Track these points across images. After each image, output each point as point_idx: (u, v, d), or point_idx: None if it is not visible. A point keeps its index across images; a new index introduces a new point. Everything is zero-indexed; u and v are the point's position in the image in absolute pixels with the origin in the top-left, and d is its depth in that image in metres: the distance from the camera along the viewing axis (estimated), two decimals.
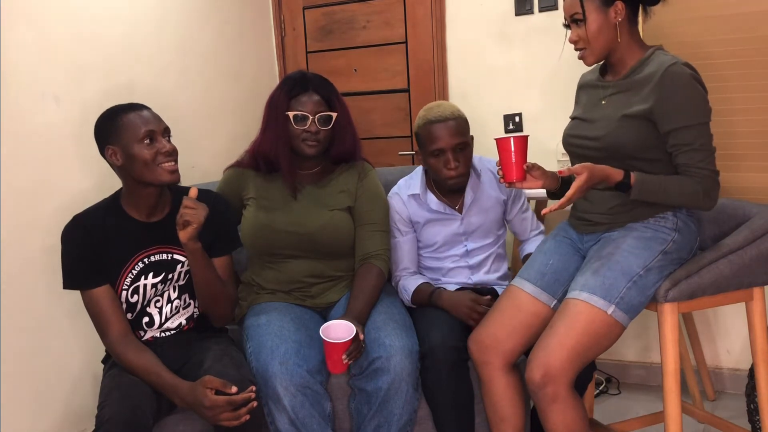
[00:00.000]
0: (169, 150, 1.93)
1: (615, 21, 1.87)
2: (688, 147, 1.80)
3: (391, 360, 1.95)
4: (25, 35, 2.18)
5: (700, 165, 1.80)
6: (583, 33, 1.88)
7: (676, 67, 1.79)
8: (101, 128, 1.95)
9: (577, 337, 1.78)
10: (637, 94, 1.86)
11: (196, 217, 1.88)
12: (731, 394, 2.77)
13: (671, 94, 1.79)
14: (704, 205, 1.83)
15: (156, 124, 1.93)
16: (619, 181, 1.78)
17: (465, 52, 3.04)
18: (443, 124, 2.18)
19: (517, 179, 1.80)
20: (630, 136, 1.84)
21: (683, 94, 1.79)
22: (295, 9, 3.34)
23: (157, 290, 2.02)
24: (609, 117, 1.89)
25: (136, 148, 1.89)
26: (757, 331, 2.00)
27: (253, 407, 1.80)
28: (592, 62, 1.93)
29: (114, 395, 1.79)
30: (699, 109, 1.80)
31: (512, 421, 1.98)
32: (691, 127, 1.79)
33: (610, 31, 1.88)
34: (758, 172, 2.49)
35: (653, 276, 1.85)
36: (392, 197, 2.35)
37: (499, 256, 2.39)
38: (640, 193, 1.79)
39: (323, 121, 2.18)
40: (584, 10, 1.86)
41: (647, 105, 1.82)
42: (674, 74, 1.79)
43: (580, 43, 1.90)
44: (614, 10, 1.86)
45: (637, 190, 1.79)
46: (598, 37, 1.88)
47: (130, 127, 1.90)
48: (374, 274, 2.17)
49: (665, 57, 1.85)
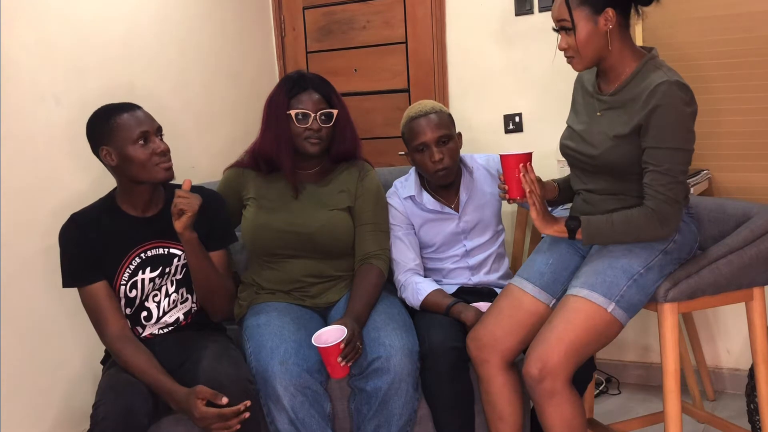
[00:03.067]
0: (164, 149, 1.95)
1: (605, 29, 1.79)
2: (653, 167, 1.76)
3: (391, 360, 1.95)
4: (25, 35, 2.18)
5: (659, 189, 1.75)
6: (573, 41, 1.82)
7: (664, 86, 1.73)
8: (94, 129, 1.96)
9: (576, 333, 1.78)
10: (628, 111, 1.82)
11: (190, 205, 1.90)
12: (731, 394, 2.76)
13: (653, 113, 1.74)
14: (661, 234, 1.79)
15: (149, 124, 1.94)
16: (564, 224, 1.85)
17: (465, 52, 3.04)
18: (424, 118, 2.21)
19: (521, 196, 1.84)
20: (623, 156, 1.82)
21: (663, 116, 1.73)
22: (295, 9, 3.34)
23: (154, 284, 2.03)
24: (603, 135, 1.86)
25: (131, 149, 1.90)
26: (757, 331, 2.00)
27: (245, 418, 1.80)
28: (581, 69, 1.90)
29: (109, 395, 1.80)
30: (675, 134, 1.74)
31: (510, 420, 1.98)
32: (661, 149, 1.74)
33: (600, 39, 1.81)
34: (757, 172, 2.49)
35: (653, 275, 1.85)
36: (391, 197, 2.35)
37: (500, 255, 2.40)
38: (589, 237, 1.83)
39: (325, 118, 2.18)
40: (573, 19, 1.79)
41: (635, 122, 1.78)
42: (661, 94, 1.73)
43: (569, 51, 1.85)
44: (604, 17, 1.79)
45: (585, 234, 1.83)
46: (587, 45, 1.81)
47: (124, 129, 1.91)
48: (374, 274, 2.17)
49: (657, 72, 1.78)
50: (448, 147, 2.22)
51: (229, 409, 1.78)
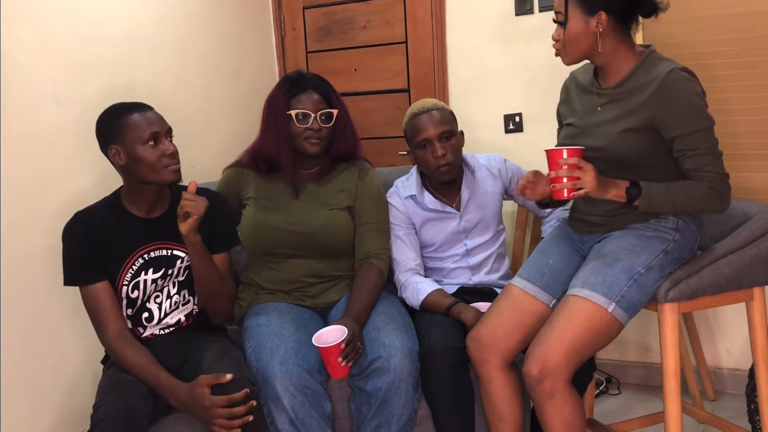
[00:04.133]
0: (173, 152, 1.95)
1: (596, 30, 1.83)
2: (693, 152, 1.79)
3: (390, 360, 1.95)
4: (25, 35, 2.17)
5: (707, 169, 1.80)
6: (563, 35, 1.86)
7: (674, 73, 1.78)
8: (105, 127, 1.95)
9: (576, 333, 1.78)
10: (634, 102, 1.84)
11: (197, 208, 1.90)
12: (731, 394, 2.76)
13: (673, 101, 1.78)
14: (719, 207, 1.82)
15: (160, 125, 1.94)
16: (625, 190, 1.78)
17: (465, 52, 3.04)
18: (427, 114, 2.21)
19: (569, 197, 1.80)
20: (631, 147, 1.84)
21: (685, 100, 1.78)
22: (295, 9, 3.34)
23: (156, 286, 2.03)
24: (608, 127, 1.88)
25: (141, 149, 1.90)
26: (757, 331, 2.00)
27: (253, 405, 1.80)
28: (567, 63, 1.93)
29: (109, 395, 1.80)
30: (702, 114, 1.80)
31: (510, 420, 1.98)
32: (696, 132, 1.79)
33: (589, 39, 1.84)
34: (758, 171, 2.49)
35: (654, 275, 1.85)
36: (391, 196, 2.35)
37: (500, 255, 2.40)
38: (648, 205, 1.80)
39: (325, 118, 2.18)
40: (566, 13, 1.84)
41: (647, 113, 1.81)
42: (675, 81, 1.78)
43: (557, 44, 1.89)
44: (597, 20, 1.82)
45: (645, 202, 1.79)
46: (574, 42, 1.85)
47: (134, 129, 1.90)
48: (374, 274, 2.17)
49: (662, 62, 1.83)
50: (451, 143, 2.22)
51: (238, 394, 1.78)
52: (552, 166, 1.79)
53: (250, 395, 1.83)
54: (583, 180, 1.74)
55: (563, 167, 1.75)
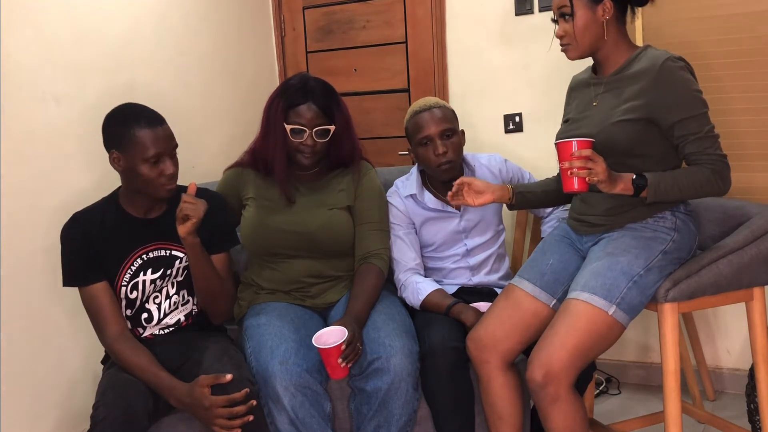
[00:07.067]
0: (172, 173, 1.94)
1: (603, 19, 1.89)
2: (694, 136, 1.83)
3: (390, 360, 1.95)
4: (25, 35, 2.17)
5: (708, 151, 1.83)
6: (570, 28, 1.90)
7: (670, 61, 1.83)
8: (112, 131, 1.94)
9: (579, 338, 1.78)
10: (628, 90, 1.87)
11: (196, 211, 1.89)
12: (731, 394, 2.76)
13: (671, 88, 1.82)
14: (721, 189, 1.85)
15: (166, 145, 1.92)
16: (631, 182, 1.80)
17: (465, 52, 3.04)
18: (428, 112, 2.22)
19: (580, 189, 1.78)
20: (624, 134, 1.86)
21: (683, 86, 1.82)
22: (295, 9, 3.34)
23: (155, 286, 2.03)
24: (602, 116, 1.91)
25: (141, 166, 1.90)
26: (757, 331, 2.00)
27: (253, 405, 1.80)
28: (574, 57, 1.95)
29: (109, 395, 1.80)
30: (699, 99, 1.84)
31: (510, 420, 1.98)
32: (695, 116, 1.82)
33: (597, 28, 1.90)
34: (758, 171, 2.49)
35: (653, 276, 1.85)
36: (391, 196, 2.35)
37: (500, 255, 2.40)
38: (655, 195, 1.81)
39: (320, 134, 2.17)
40: (573, 6, 1.88)
41: (642, 101, 1.84)
42: (671, 69, 1.82)
43: (566, 38, 1.93)
44: (602, 8, 1.88)
45: (651, 192, 1.80)
46: (584, 33, 1.90)
47: (139, 145, 1.89)
48: (374, 274, 2.17)
49: (657, 52, 1.87)
50: (452, 141, 2.23)
51: (238, 394, 1.78)
52: (564, 158, 1.79)
53: (250, 395, 1.83)
54: (596, 170, 1.75)
55: (575, 159, 1.76)
